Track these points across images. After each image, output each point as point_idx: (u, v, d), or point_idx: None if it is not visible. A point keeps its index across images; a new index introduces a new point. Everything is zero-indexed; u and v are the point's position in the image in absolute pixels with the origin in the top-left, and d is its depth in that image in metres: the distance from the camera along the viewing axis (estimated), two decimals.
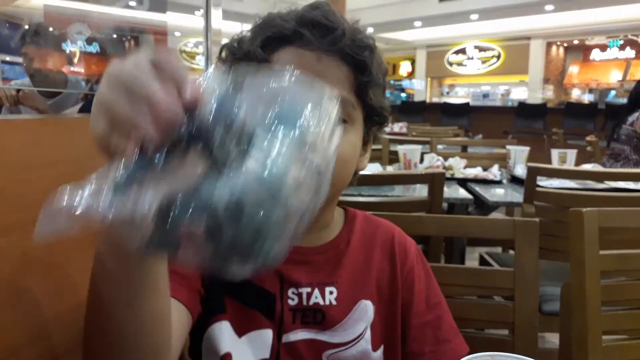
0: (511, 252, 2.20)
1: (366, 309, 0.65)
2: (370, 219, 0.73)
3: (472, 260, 2.31)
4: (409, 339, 0.67)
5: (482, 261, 1.95)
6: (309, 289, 0.64)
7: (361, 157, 0.66)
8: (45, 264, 0.51)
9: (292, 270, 0.63)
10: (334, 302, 0.64)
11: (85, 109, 1.82)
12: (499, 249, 2.36)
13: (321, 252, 0.66)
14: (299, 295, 0.63)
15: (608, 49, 11.72)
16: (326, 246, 0.67)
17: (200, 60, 7.27)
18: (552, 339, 1.57)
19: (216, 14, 1.60)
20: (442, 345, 0.67)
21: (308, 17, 0.58)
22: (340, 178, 0.61)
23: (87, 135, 0.59)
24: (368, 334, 0.64)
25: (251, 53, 0.59)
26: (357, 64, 0.59)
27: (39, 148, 0.51)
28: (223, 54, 0.64)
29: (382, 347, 0.66)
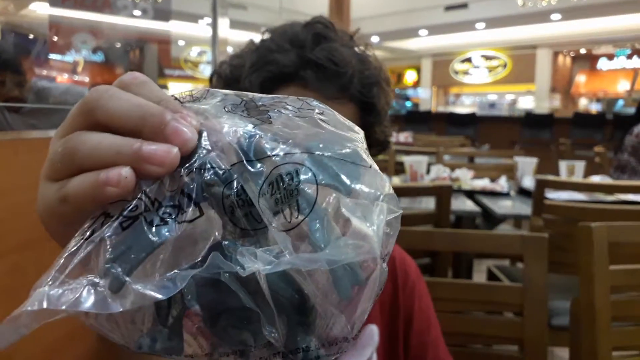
0: (519, 264, 2.19)
1: (372, 334, 0.65)
2: None
3: (479, 272, 2.29)
4: (410, 358, 0.67)
5: (490, 274, 1.94)
6: None
7: None
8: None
9: None
10: None
11: None
12: (506, 261, 2.34)
13: None
14: None
15: (615, 58, 11.68)
16: None
17: (204, 69, 7.28)
18: (561, 353, 1.56)
19: (223, 22, 1.61)
20: None
21: (312, 59, 0.53)
22: None
23: None
24: (374, 358, 0.64)
25: (248, 91, 0.56)
26: (364, 105, 0.57)
27: None
28: (214, 81, 0.60)
29: None
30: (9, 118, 1.98)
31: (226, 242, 0.24)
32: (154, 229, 0.23)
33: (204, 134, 0.25)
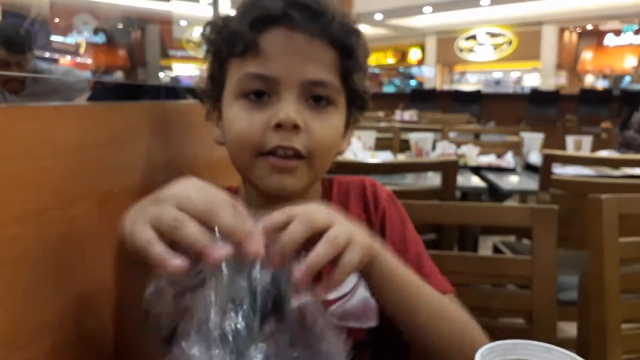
0: (525, 241, 2.18)
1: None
2: (344, 179, 0.74)
3: (485, 249, 2.29)
4: None
5: (496, 250, 1.94)
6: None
7: (342, 140, 0.67)
8: (58, 254, 0.51)
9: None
10: None
11: (95, 97, 1.82)
12: (512, 238, 2.33)
13: None
14: None
15: (622, 34, 11.47)
16: None
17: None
18: (567, 328, 1.56)
19: (224, 2, 1.58)
20: (427, 278, 0.64)
21: (297, 1, 0.58)
22: (324, 162, 0.63)
23: (98, 123, 0.59)
24: (363, 282, 0.61)
25: (238, 33, 0.59)
26: (344, 49, 0.60)
27: (51, 136, 0.51)
28: (207, 31, 0.63)
29: None
30: (9, 99, 1.95)
31: None
32: None
33: None
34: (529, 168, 2.11)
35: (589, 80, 11.90)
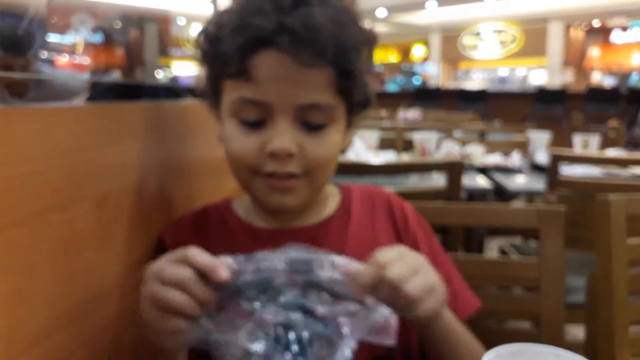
0: (531, 242, 2.17)
1: None
2: (365, 188, 0.73)
3: (491, 250, 2.28)
4: None
5: (502, 253, 1.92)
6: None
7: (345, 139, 0.66)
8: (57, 256, 0.50)
9: None
10: None
11: (93, 98, 1.81)
12: (518, 240, 2.32)
13: (323, 227, 0.66)
14: None
15: (629, 30, 11.38)
16: (327, 220, 0.67)
17: None
18: (575, 331, 1.54)
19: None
20: (459, 298, 0.67)
21: (288, 24, 0.54)
22: (325, 176, 0.63)
23: (97, 124, 0.58)
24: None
25: (228, 56, 0.57)
26: (342, 70, 0.57)
27: (49, 137, 0.50)
28: (201, 41, 0.61)
29: None
30: (12, 103, 1.95)
31: None
32: None
33: None
34: (536, 168, 2.09)
35: (596, 78, 11.82)
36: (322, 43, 0.54)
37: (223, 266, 0.47)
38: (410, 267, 0.50)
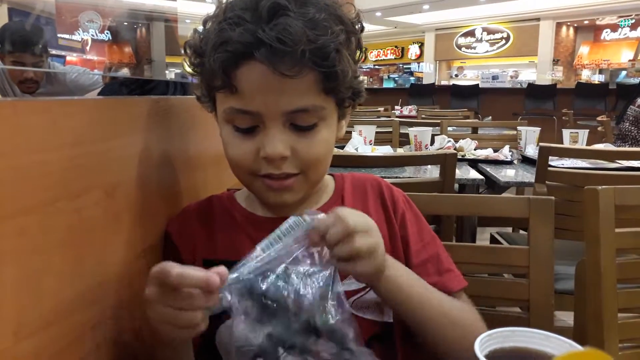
0: (522, 232, 2.20)
1: None
2: (357, 176, 0.76)
3: (482, 240, 2.30)
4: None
5: (493, 241, 1.95)
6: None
7: (339, 130, 0.68)
8: (66, 244, 0.52)
9: None
10: None
11: (105, 92, 1.82)
12: (509, 230, 2.35)
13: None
14: None
15: (619, 28, 11.46)
16: (322, 207, 0.70)
17: None
18: (564, 318, 1.58)
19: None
20: (445, 274, 0.70)
21: (264, 38, 0.55)
22: (321, 171, 0.66)
23: (104, 117, 0.60)
24: None
25: (213, 71, 0.59)
26: (324, 72, 0.58)
27: (58, 129, 0.51)
28: (189, 54, 0.63)
29: None
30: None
31: None
32: None
33: None
34: (526, 161, 2.12)
35: (586, 75, 11.89)
36: (300, 52, 0.55)
37: (211, 274, 0.49)
38: (364, 225, 0.54)
